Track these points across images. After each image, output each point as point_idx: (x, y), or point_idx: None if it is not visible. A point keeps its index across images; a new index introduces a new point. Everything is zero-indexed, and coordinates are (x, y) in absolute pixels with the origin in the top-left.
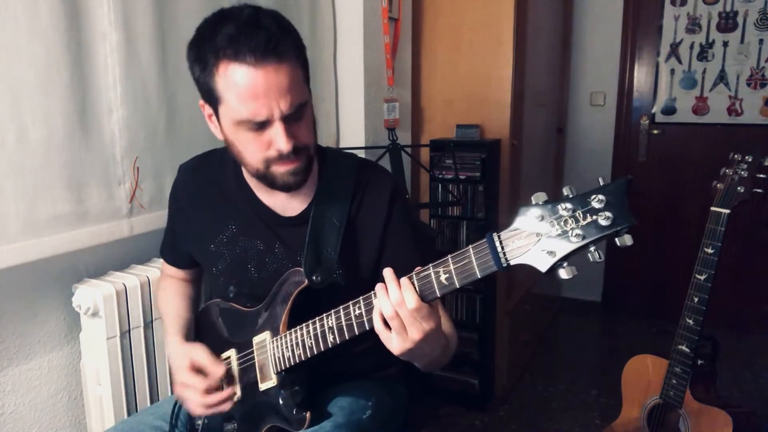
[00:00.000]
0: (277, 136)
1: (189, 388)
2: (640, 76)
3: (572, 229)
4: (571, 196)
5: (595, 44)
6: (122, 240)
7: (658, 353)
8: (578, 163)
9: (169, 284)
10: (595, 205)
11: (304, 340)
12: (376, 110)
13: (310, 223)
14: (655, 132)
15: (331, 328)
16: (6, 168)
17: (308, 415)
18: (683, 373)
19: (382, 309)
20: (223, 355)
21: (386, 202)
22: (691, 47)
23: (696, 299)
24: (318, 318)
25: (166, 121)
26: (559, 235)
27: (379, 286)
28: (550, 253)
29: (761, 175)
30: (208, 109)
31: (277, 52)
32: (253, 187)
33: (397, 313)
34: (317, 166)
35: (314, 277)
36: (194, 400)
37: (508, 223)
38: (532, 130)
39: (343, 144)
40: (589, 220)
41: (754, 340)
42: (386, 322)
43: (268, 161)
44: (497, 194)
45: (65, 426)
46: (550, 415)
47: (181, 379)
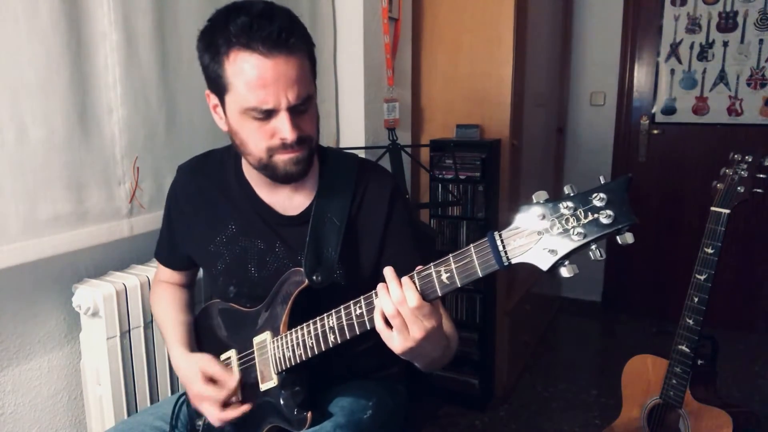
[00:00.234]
0: (282, 126)
1: (206, 401)
2: (640, 76)
3: (574, 227)
4: (572, 195)
5: (595, 44)
6: (122, 240)
7: (658, 353)
8: (578, 163)
9: (164, 291)
10: (596, 203)
11: (304, 340)
12: (376, 110)
13: (311, 223)
14: (655, 132)
15: (332, 328)
16: (6, 168)
17: (309, 415)
18: (683, 373)
19: (383, 307)
20: (223, 356)
21: (387, 201)
22: (691, 47)
23: (696, 299)
24: (319, 318)
25: (166, 121)
26: (561, 233)
27: (380, 286)
28: (552, 251)
29: (761, 175)
30: (213, 99)
31: (288, 45)
32: (254, 186)
33: (398, 312)
34: (318, 166)
35: (314, 277)
36: (212, 414)
37: (509, 223)
38: (532, 130)
39: (343, 144)
40: (591, 218)
41: (754, 340)
42: (388, 321)
43: (271, 150)
44: (497, 194)
45: (65, 426)
46: (550, 415)
47: (196, 391)
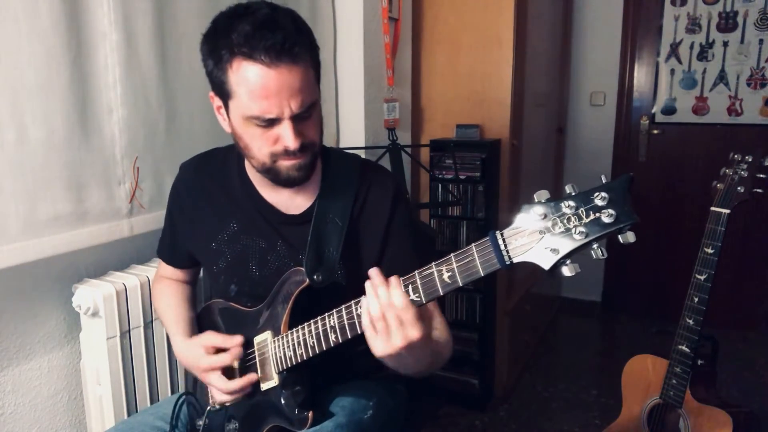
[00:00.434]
0: (285, 134)
1: (215, 371)
2: (640, 76)
3: (575, 226)
4: (574, 194)
5: (595, 44)
6: (122, 240)
7: (658, 353)
8: (578, 163)
9: (166, 287)
10: (598, 202)
11: (305, 340)
12: (376, 110)
13: (313, 222)
14: (655, 132)
15: (333, 328)
16: (6, 168)
17: (310, 414)
18: (683, 373)
19: (369, 308)
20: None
21: (389, 202)
22: (691, 47)
23: (696, 299)
24: (320, 317)
25: (166, 121)
26: (563, 232)
27: (368, 284)
28: (554, 250)
29: (761, 175)
30: (217, 101)
31: (292, 54)
32: (257, 185)
33: (383, 315)
34: (321, 166)
35: (315, 277)
36: (221, 385)
37: (509, 223)
38: (532, 130)
39: (343, 144)
40: (592, 217)
41: (754, 340)
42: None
43: (274, 156)
44: (497, 194)
45: (65, 426)
46: (550, 415)
47: (204, 365)
